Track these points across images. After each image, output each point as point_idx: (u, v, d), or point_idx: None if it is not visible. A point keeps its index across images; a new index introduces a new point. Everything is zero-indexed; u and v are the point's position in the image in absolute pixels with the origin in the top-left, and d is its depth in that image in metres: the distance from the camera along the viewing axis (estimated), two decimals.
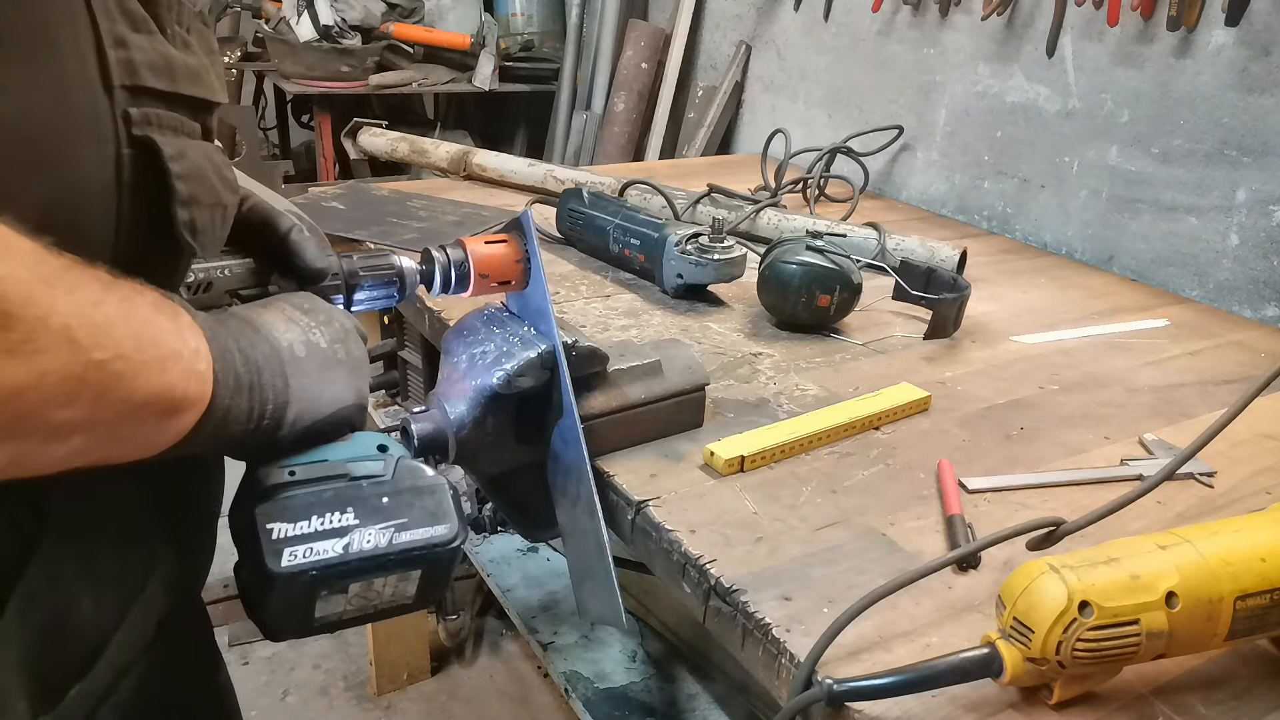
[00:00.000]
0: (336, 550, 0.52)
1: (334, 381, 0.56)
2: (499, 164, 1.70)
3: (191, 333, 0.47)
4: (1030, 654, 0.55)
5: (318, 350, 0.55)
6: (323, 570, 0.51)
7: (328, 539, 0.52)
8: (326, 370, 0.55)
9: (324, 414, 0.55)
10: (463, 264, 0.73)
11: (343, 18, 2.61)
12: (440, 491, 0.57)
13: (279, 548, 0.51)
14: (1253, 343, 1.23)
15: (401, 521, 0.54)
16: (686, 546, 0.71)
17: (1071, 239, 1.60)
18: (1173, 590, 0.55)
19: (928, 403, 0.96)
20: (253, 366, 0.51)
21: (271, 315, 0.55)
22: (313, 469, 0.54)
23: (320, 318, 0.57)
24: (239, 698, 0.78)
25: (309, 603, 0.53)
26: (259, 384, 0.51)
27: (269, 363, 0.52)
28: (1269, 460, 0.91)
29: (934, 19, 1.78)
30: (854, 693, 0.56)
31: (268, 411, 0.51)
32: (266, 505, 0.52)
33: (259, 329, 0.53)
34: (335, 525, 0.52)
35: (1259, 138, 1.32)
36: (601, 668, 1.46)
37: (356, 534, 0.53)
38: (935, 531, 0.76)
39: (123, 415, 0.43)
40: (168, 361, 0.44)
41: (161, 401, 0.44)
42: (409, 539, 0.54)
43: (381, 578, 0.54)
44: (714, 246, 1.17)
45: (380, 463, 0.56)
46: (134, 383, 0.42)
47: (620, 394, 0.82)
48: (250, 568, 0.52)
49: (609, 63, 2.68)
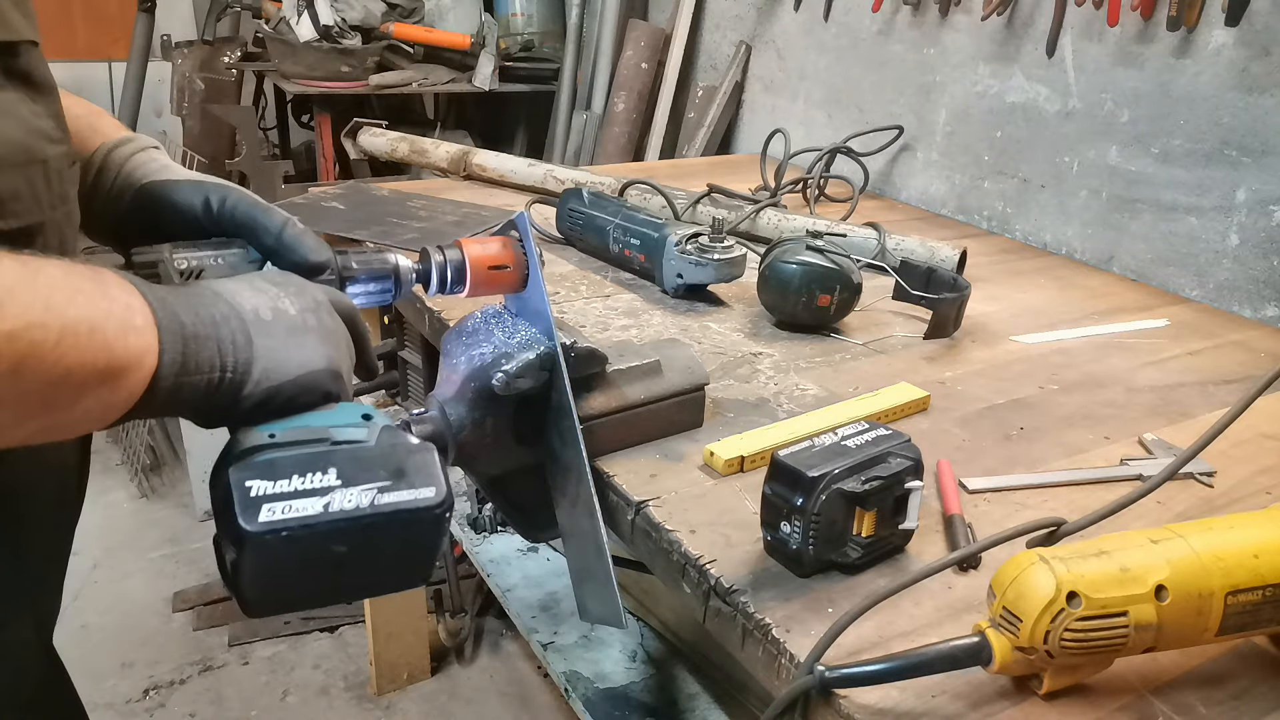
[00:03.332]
0: (316, 508, 0.50)
1: (302, 346, 0.54)
2: (499, 164, 1.70)
3: (119, 289, 0.46)
4: (1019, 643, 0.55)
5: (285, 315, 0.54)
6: (301, 528, 0.49)
7: (307, 498, 0.50)
8: (294, 335, 0.54)
9: (291, 375, 0.53)
10: (460, 265, 0.73)
11: (343, 18, 2.60)
12: (426, 455, 0.55)
13: (256, 504, 0.49)
14: (1253, 343, 1.23)
15: (385, 484, 0.52)
16: (686, 546, 0.71)
17: (1071, 239, 1.60)
18: (1162, 584, 0.55)
19: (927, 402, 0.96)
20: (205, 320, 0.49)
21: (235, 285, 0.54)
22: (293, 432, 0.52)
23: (291, 289, 0.56)
24: (239, 698, 0.79)
25: (288, 567, 0.51)
26: (216, 337, 0.49)
27: (226, 320, 0.51)
28: (1269, 460, 0.91)
29: (934, 19, 1.78)
30: (846, 679, 0.57)
31: (229, 364, 0.50)
32: (243, 464, 0.50)
33: (219, 293, 0.52)
34: (316, 485, 0.50)
35: (1259, 138, 1.32)
36: (601, 668, 1.46)
37: (338, 494, 0.51)
38: (935, 531, 0.76)
39: (54, 384, 0.41)
40: (96, 321, 0.43)
41: (98, 364, 0.42)
42: (393, 499, 0.52)
43: (364, 542, 0.52)
44: (714, 246, 1.17)
45: (364, 429, 0.54)
46: (58, 349, 0.40)
47: (620, 394, 0.82)
48: (227, 530, 0.50)
49: (609, 63, 2.68)
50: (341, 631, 2.02)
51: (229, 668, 1.88)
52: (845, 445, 0.69)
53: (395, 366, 1.64)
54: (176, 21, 3.24)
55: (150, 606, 2.04)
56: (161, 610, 2.03)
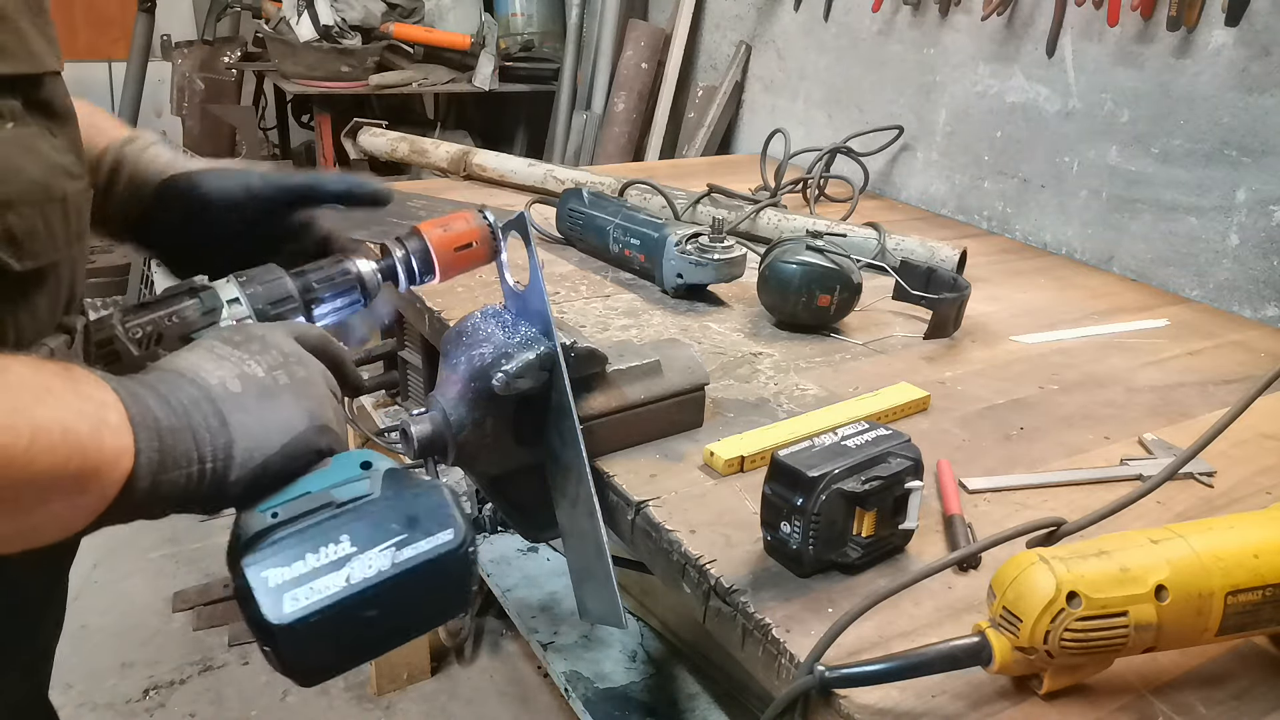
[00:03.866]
0: (338, 584, 0.48)
1: (279, 409, 0.51)
2: (499, 164, 1.70)
3: (91, 386, 0.44)
4: (1019, 643, 0.55)
5: (254, 381, 0.51)
6: (328, 608, 0.48)
7: (327, 574, 0.48)
8: (268, 400, 0.51)
9: (276, 446, 0.50)
10: (424, 253, 0.69)
11: (343, 18, 2.60)
12: (436, 495, 0.53)
13: (278, 595, 0.47)
14: (1253, 343, 1.23)
15: (401, 538, 0.50)
16: (686, 546, 0.71)
17: (1071, 239, 1.60)
18: (1162, 584, 0.55)
19: (927, 402, 0.96)
20: (177, 410, 0.47)
21: (196, 357, 0.51)
22: (294, 505, 0.50)
23: (254, 347, 0.53)
24: (239, 698, 0.79)
25: (324, 644, 0.49)
26: (190, 426, 0.47)
27: (197, 405, 0.48)
28: (1269, 460, 0.91)
29: (934, 19, 1.78)
30: (846, 679, 0.57)
31: (208, 454, 0.47)
32: (254, 555, 0.48)
33: (182, 373, 0.49)
34: (332, 559, 0.49)
35: (1259, 138, 1.32)
36: (601, 668, 1.46)
37: (356, 562, 0.49)
38: (935, 531, 0.76)
39: (25, 489, 0.39)
40: (69, 421, 0.40)
41: (70, 467, 0.40)
42: (412, 553, 0.50)
43: (394, 599, 0.50)
44: (714, 246, 1.17)
45: (365, 481, 0.52)
46: (29, 452, 0.38)
47: (620, 394, 0.82)
48: (254, 624, 0.48)
49: (609, 63, 2.68)
50: None
51: (229, 668, 1.88)
52: (845, 445, 0.69)
53: (395, 366, 1.64)
54: (176, 21, 3.24)
55: (150, 606, 2.04)
56: (161, 610, 2.03)
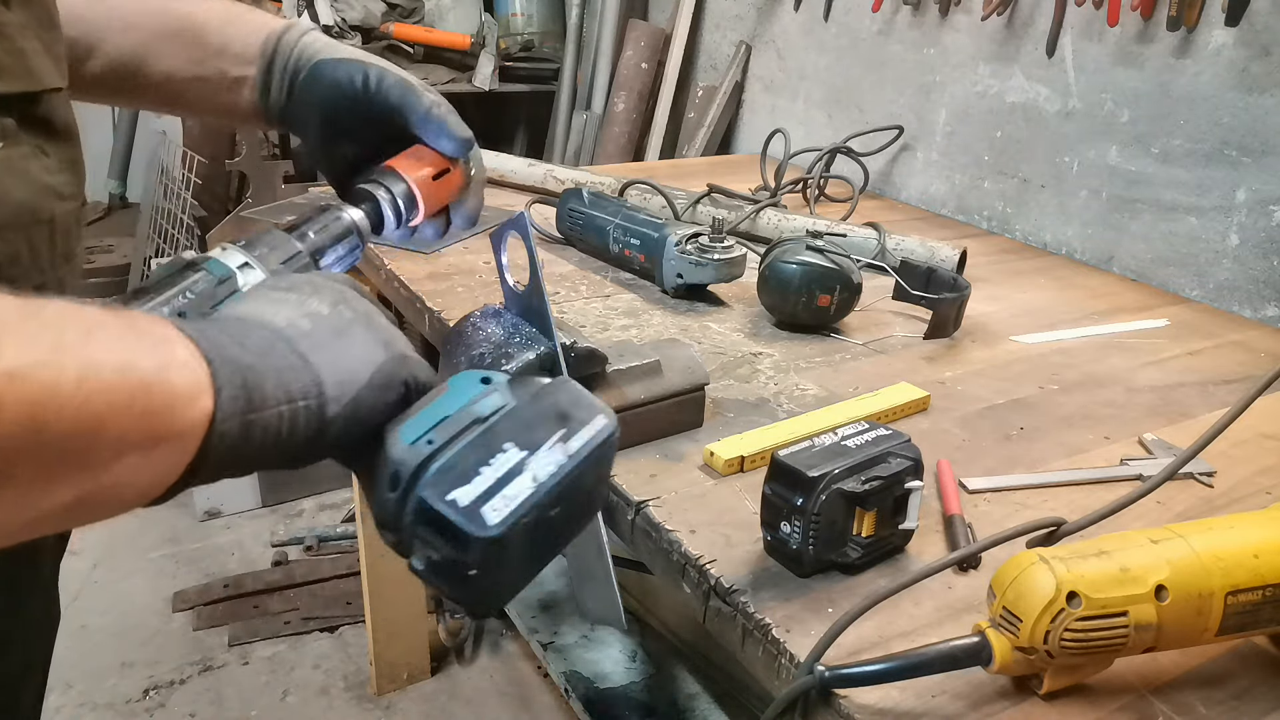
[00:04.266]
0: (528, 486, 0.46)
1: (355, 343, 0.48)
2: (499, 164, 1.70)
3: (149, 322, 0.39)
4: (1019, 643, 0.55)
5: (322, 319, 0.47)
6: (530, 509, 0.46)
7: (513, 480, 0.46)
8: (341, 336, 0.47)
9: (365, 378, 0.47)
10: (406, 190, 0.68)
11: (343, 18, 2.61)
12: (572, 388, 0.52)
13: (475, 511, 0.45)
14: (1253, 343, 1.23)
15: (561, 432, 0.49)
16: (686, 546, 0.71)
17: (1071, 239, 1.60)
18: (1162, 584, 0.55)
19: (927, 402, 0.96)
20: (252, 350, 0.43)
21: (253, 304, 0.48)
22: (442, 430, 0.47)
23: (306, 290, 0.49)
24: (239, 698, 0.78)
25: (522, 552, 0.48)
26: (273, 367, 0.43)
27: (272, 346, 0.44)
28: (1269, 460, 0.91)
29: (934, 19, 1.78)
30: (846, 679, 0.57)
31: (297, 393, 0.43)
32: (428, 481, 0.46)
33: (244, 319, 0.46)
34: (509, 465, 0.47)
35: (1259, 138, 1.32)
36: (601, 668, 1.46)
37: (534, 462, 0.47)
38: (935, 531, 0.76)
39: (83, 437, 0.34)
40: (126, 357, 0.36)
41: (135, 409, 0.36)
42: (579, 444, 0.49)
43: (572, 495, 0.49)
44: (714, 246, 1.17)
45: (496, 394, 0.50)
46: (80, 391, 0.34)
47: (620, 394, 0.82)
48: (457, 548, 0.45)
49: (609, 63, 2.68)
50: (341, 631, 2.02)
51: (229, 668, 1.88)
52: (845, 445, 0.69)
53: None
54: None
55: (150, 606, 2.04)
56: (161, 610, 2.03)
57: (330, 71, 0.67)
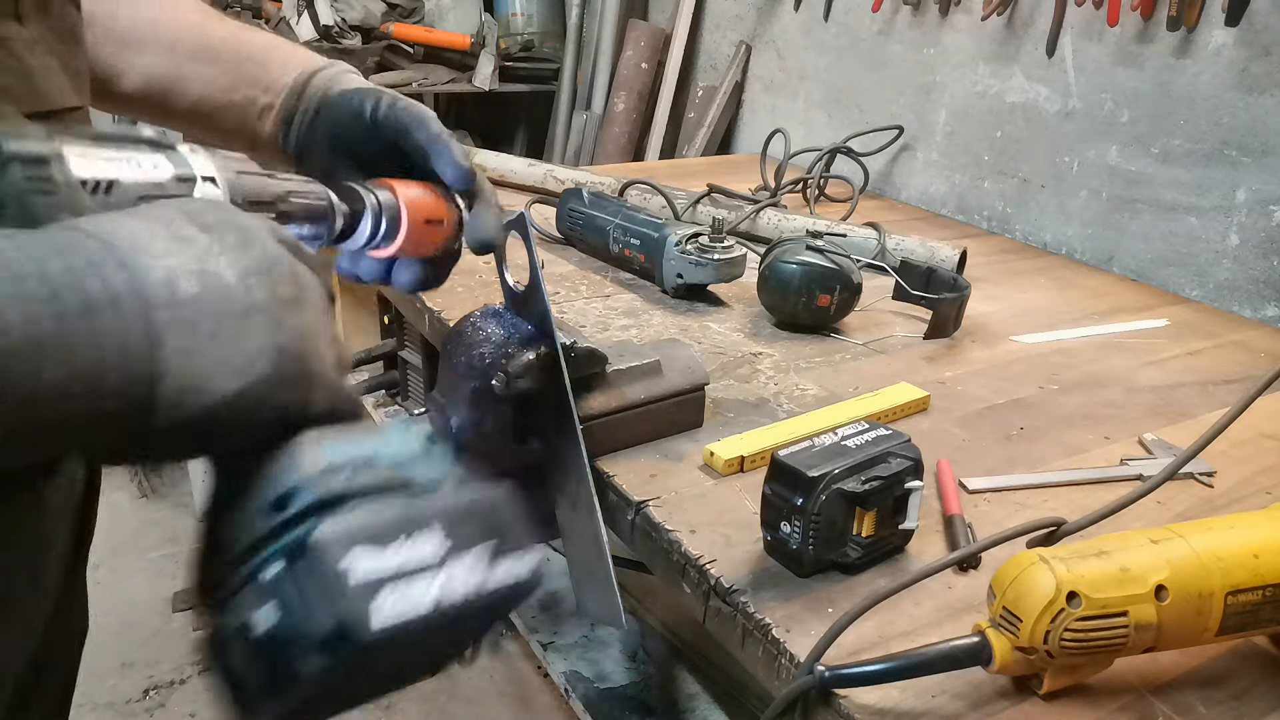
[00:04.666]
0: (429, 597, 0.35)
1: (243, 337, 0.35)
2: (499, 164, 1.70)
3: None
4: (1019, 643, 0.55)
5: (218, 289, 0.35)
6: (414, 622, 0.34)
7: (417, 579, 0.35)
8: (230, 321, 0.35)
9: (228, 391, 0.34)
10: (395, 213, 0.60)
11: (343, 18, 2.61)
12: (515, 502, 0.40)
13: (369, 592, 0.33)
14: (1253, 343, 1.23)
15: (492, 544, 0.38)
16: (686, 546, 0.71)
17: (1071, 239, 1.60)
18: (1162, 584, 0.55)
19: (927, 402, 0.96)
20: (71, 305, 0.31)
21: (141, 225, 0.35)
22: (368, 473, 0.37)
23: (230, 238, 0.37)
24: None
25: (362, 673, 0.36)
26: (87, 331, 0.31)
27: (115, 303, 0.32)
28: (1269, 460, 0.91)
29: (934, 19, 1.78)
30: (846, 679, 0.57)
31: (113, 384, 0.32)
32: (339, 518, 0.35)
33: (113, 245, 0.33)
34: (424, 557, 0.35)
35: (1259, 138, 1.32)
36: (601, 668, 1.45)
37: (452, 571, 0.36)
38: (935, 531, 0.76)
39: None
40: None
41: None
42: (503, 575, 0.38)
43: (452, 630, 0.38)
44: (714, 246, 1.17)
45: (439, 461, 0.40)
46: None
47: (620, 394, 0.82)
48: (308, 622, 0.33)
49: (609, 63, 2.68)
50: None
51: None
52: (845, 445, 0.69)
53: (395, 366, 1.65)
54: None
55: (150, 606, 2.04)
56: (161, 610, 2.03)
57: (343, 99, 0.66)
